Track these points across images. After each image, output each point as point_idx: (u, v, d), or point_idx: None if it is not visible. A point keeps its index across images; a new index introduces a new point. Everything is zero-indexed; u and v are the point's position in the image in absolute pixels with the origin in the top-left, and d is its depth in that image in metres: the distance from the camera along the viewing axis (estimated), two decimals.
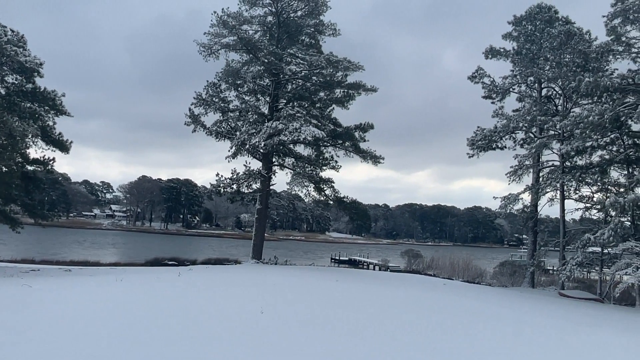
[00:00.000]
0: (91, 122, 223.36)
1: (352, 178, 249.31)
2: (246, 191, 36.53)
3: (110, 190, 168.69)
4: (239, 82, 35.89)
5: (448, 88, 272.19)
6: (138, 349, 8.62)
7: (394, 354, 9.70)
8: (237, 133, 34.38)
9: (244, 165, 35.54)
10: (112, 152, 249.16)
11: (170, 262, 34.65)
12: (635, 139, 28.53)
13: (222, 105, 36.22)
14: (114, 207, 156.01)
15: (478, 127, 35.38)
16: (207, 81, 36.06)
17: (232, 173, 35.53)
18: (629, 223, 27.70)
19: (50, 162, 29.64)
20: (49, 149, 29.48)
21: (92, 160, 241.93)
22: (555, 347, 11.71)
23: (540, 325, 15.20)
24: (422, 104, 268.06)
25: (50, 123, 29.57)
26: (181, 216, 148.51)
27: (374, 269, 49.72)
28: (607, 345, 12.65)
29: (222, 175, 35.38)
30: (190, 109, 35.64)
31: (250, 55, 34.46)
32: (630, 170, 28.80)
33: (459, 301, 19.81)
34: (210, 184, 36.39)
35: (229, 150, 35.00)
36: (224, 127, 36.37)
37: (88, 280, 20.35)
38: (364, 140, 36.52)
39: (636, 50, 25.89)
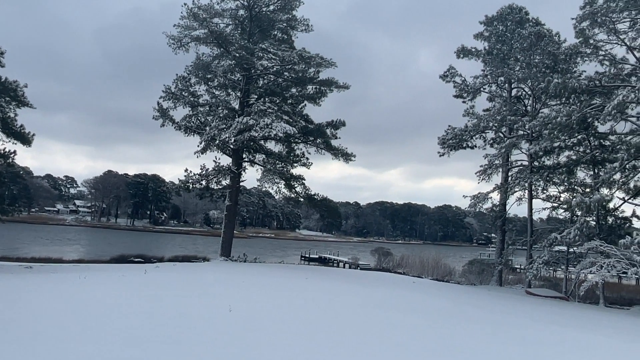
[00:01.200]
0: (60, 116, 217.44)
1: (324, 176, 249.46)
2: (215, 187, 35.98)
3: (75, 185, 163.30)
4: (209, 76, 35.21)
5: (423, 88, 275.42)
6: (94, 351, 8.15)
7: (361, 353, 9.53)
8: (207, 128, 33.76)
9: (214, 161, 35.03)
10: (80, 146, 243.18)
11: (136, 260, 33.65)
12: (601, 140, 29.08)
13: (192, 99, 35.49)
14: (78, 202, 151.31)
15: (449, 126, 35.62)
16: (177, 74, 35.30)
17: (201, 169, 35.02)
18: (594, 223, 28.24)
19: (11, 155, 28.44)
20: (9, 141, 28.27)
21: (58, 154, 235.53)
22: (519, 344, 11.74)
23: (506, 323, 15.31)
24: (396, 103, 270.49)
25: (12, 114, 28.34)
26: (148, 212, 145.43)
27: (344, 267, 49.65)
28: (570, 343, 12.75)
29: (190, 171, 34.83)
30: (158, 103, 34.85)
31: (221, 49, 33.82)
32: (596, 170, 29.35)
33: (427, 300, 19.85)
34: (179, 180, 35.75)
35: (198, 146, 34.46)
36: (193, 122, 35.69)
37: (50, 278, 19.61)
38: (336, 138, 36.39)
39: (603, 52, 26.35)
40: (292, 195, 37.34)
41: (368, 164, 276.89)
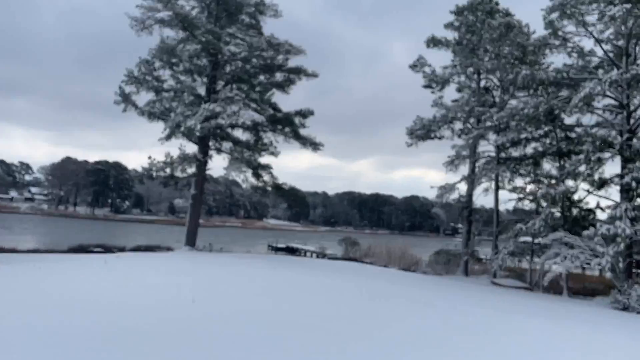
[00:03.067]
0: (19, 99, 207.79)
1: (294, 165, 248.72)
2: (180, 175, 35.00)
3: (30, 172, 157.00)
4: (174, 60, 34.01)
5: (395, 80, 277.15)
6: (44, 346, 7.49)
7: (326, 343, 9.34)
8: (172, 114, 32.71)
9: (179, 148, 33.91)
10: (40, 131, 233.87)
11: (96, 249, 32.37)
12: (568, 132, 29.41)
13: (156, 84, 34.29)
14: (33, 190, 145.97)
15: (417, 116, 35.51)
16: (140, 58, 34.01)
17: (165, 156, 33.87)
18: (559, 214, 28.62)
19: None
20: None
21: (16, 139, 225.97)
22: (483, 334, 11.74)
23: (470, 313, 15.31)
24: (369, 94, 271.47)
25: None
26: (109, 201, 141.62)
27: (311, 257, 49.34)
28: (532, 332, 12.81)
29: (154, 159, 33.70)
30: (120, 87, 33.55)
31: (187, 32, 32.66)
32: (561, 162, 29.69)
33: (393, 289, 19.75)
34: (142, 167, 34.55)
35: (162, 133, 33.27)
36: (157, 108, 34.51)
37: (1, 269, 18.58)
38: (304, 127, 35.88)
39: (572, 44, 26.55)
40: (260, 185, 36.71)
41: (338, 154, 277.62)
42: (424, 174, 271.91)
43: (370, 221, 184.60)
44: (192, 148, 34.70)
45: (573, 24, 25.09)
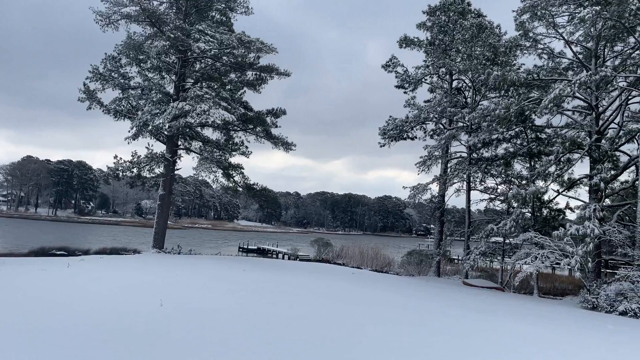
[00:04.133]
0: None
1: (267, 166, 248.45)
2: (148, 175, 34.11)
3: None
4: (141, 57, 33.12)
5: (369, 80, 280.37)
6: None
7: (292, 343, 9.06)
8: (139, 113, 31.84)
9: (146, 147, 33.06)
10: (0, 130, 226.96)
11: (59, 252, 31.21)
12: (538, 133, 29.66)
13: (122, 81, 33.34)
14: None
15: (390, 116, 35.49)
16: (106, 54, 33.03)
17: (132, 156, 32.95)
18: (530, 214, 28.81)
19: None
20: None
21: None
22: (455, 335, 11.60)
23: (442, 314, 15.19)
24: (344, 95, 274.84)
25: None
26: (73, 202, 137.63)
27: (283, 258, 48.87)
28: (502, 332, 12.77)
29: (120, 158, 32.70)
30: (85, 84, 32.45)
31: (155, 28, 31.79)
32: (532, 163, 29.95)
33: (365, 290, 19.53)
34: (108, 167, 33.47)
35: (129, 131, 32.39)
36: (123, 106, 33.60)
37: None
38: (276, 126, 35.48)
39: (542, 46, 26.74)
40: (230, 185, 36.11)
41: (312, 154, 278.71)
42: (397, 175, 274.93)
43: (343, 222, 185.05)
44: (160, 147, 33.92)
45: (544, 25, 25.25)
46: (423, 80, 35.91)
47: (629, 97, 26.72)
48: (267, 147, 35.97)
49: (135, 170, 33.07)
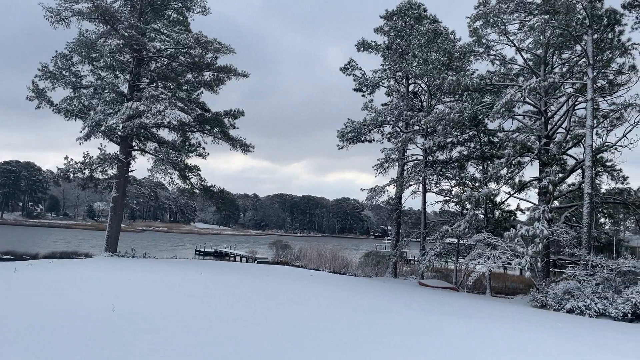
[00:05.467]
0: None
1: (226, 168, 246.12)
2: (101, 177, 33.17)
3: None
4: (94, 55, 32.12)
5: (329, 84, 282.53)
6: None
7: (245, 345, 8.99)
8: (91, 112, 30.87)
9: (99, 148, 32.11)
10: None
11: (4, 257, 29.97)
12: (490, 137, 30.54)
13: (74, 80, 32.27)
14: None
15: (348, 119, 35.73)
16: (56, 52, 31.92)
17: (84, 156, 31.99)
18: (483, 216, 29.60)
19: None
20: None
21: None
22: (410, 335, 11.73)
23: (398, 314, 15.41)
24: (304, 98, 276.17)
25: None
26: (21, 204, 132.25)
27: (241, 261, 48.42)
28: (455, 332, 12.98)
29: (72, 159, 31.69)
30: (34, 82, 31.23)
31: (108, 26, 30.90)
32: (485, 166, 30.81)
33: (322, 292, 19.56)
34: (58, 168, 32.33)
35: (81, 132, 31.36)
36: (75, 105, 32.51)
37: None
38: (234, 127, 35.10)
39: (494, 52, 27.55)
40: (187, 187, 35.48)
41: (272, 156, 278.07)
42: (356, 177, 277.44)
43: (301, 224, 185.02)
44: (113, 148, 33.00)
45: (496, 32, 26.02)
46: (380, 83, 36.38)
47: (576, 103, 27.88)
48: (227, 149, 35.61)
49: (87, 171, 32.12)
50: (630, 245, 42.01)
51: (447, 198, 33.61)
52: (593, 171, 25.31)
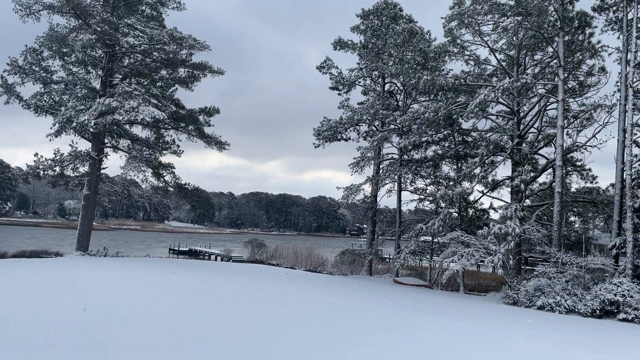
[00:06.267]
0: None
1: (201, 165, 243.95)
2: (72, 174, 32.51)
3: None
4: (65, 50, 31.50)
5: (307, 83, 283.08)
6: None
7: (225, 345, 8.88)
8: (62, 108, 30.26)
9: (70, 145, 31.47)
10: None
11: None
12: (464, 136, 30.92)
13: (44, 75, 31.60)
14: None
15: (324, 117, 35.80)
16: (26, 46, 31.17)
17: (54, 153, 31.32)
18: (457, 214, 29.96)
19: None
20: None
21: None
22: (384, 332, 11.82)
23: (373, 312, 15.48)
24: (282, 97, 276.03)
25: None
26: None
27: (215, 260, 48.02)
28: (428, 329, 13.13)
29: (42, 156, 30.95)
30: (2, 77, 30.46)
31: (80, 20, 30.29)
32: (459, 165, 31.19)
33: (298, 291, 19.54)
34: (28, 165, 31.57)
35: (51, 128, 30.76)
36: (45, 101, 31.87)
37: None
38: (209, 125, 34.80)
39: (469, 53, 27.91)
40: (161, 185, 35.07)
41: (249, 154, 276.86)
42: (333, 176, 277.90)
43: (277, 222, 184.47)
44: (85, 145, 32.47)
45: (470, 33, 26.35)
46: (357, 82, 36.50)
47: (547, 104, 28.44)
48: (202, 147, 35.28)
49: (57, 168, 31.44)
50: (598, 243, 43.05)
51: (422, 196, 33.95)
52: (563, 170, 25.85)
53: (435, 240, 31.12)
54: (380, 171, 34.88)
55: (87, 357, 7.91)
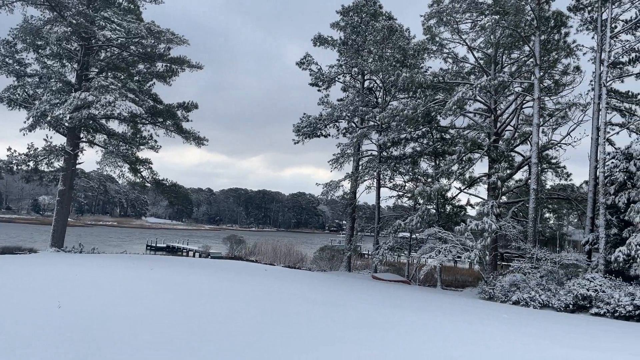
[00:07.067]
0: None
1: (182, 161, 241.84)
2: (46, 170, 31.99)
3: None
4: (40, 42, 30.86)
5: (288, 80, 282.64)
6: None
7: (195, 343, 8.73)
8: (37, 102, 29.66)
9: (44, 139, 30.87)
10: None
11: None
12: (443, 134, 31.22)
13: (17, 68, 30.96)
14: None
15: (304, 114, 35.78)
16: None
17: (28, 148, 30.69)
18: (435, 210, 30.26)
19: None
20: None
21: None
22: (362, 328, 11.85)
23: (352, 307, 15.58)
24: (263, 93, 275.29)
25: None
26: None
27: (194, 256, 47.70)
28: (406, 324, 13.26)
29: (15, 150, 30.32)
30: None
31: (55, 13, 29.69)
32: (437, 162, 31.48)
33: (277, 287, 19.55)
34: (0, 160, 30.88)
35: (25, 122, 30.14)
36: (19, 94, 31.17)
37: None
38: (188, 120, 34.48)
39: (447, 51, 28.14)
40: (138, 180, 34.61)
41: (229, 151, 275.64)
42: (313, 172, 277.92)
43: (256, 219, 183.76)
44: (60, 139, 31.84)
45: (449, 31, 26.60)
46: (336, 79, 36.53)
47: (524, 102, 28.87)
48: (181, 143, 34.86)
49: (31, 163, 30.86)
50: (572, 239, 43.96)
51: (401, 193, 34.19)
52: (539, 168, 26.29)
53: (414, 236, 31.39)
54: (360, 168, 35.01)
55: (61, 356, 7.79)
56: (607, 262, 22.04)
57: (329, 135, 36.08)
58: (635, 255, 19.79)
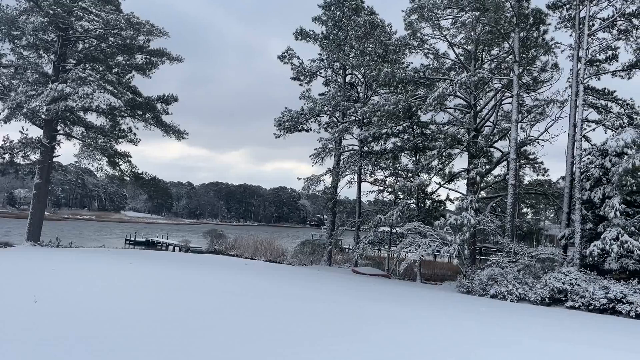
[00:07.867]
0: None
1: (163, 155, 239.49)
2: (22, 162, 31.54)
3: None
4: (15, 33, 30.15)
5: (270, 75, 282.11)
6: None
7: (168, 339, 8.66)
8: (12, 93, 29.04)
9: (20, 131, 30.36)
10: None
11: None
12: (423, 129, 31.42)
13: None
14: None
15: (285, 108, 35.67)
16: None
17: (4, 140, 30.36)
18: (415, 205, 30.49)
19: None
20: None
21: None
22: (340, 323, 11.90)
23: (332, 302, 15.66)
24: (246, 88, 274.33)
25: None
26: None
27: (173, 250, 47.33)
28: (386, 317, 13.34)
29: None
30: None
31: (31, 2, 29.09)
32: (417, 157, 31.69)
33: (256, 282, 19.55)
34: None
35: (0, 114, 29.49)
36: None
37: None
38: (167, 113, 34.15)
39: (428, 46, 28.26)
40: (117, 174, 34.25)
41: (210, 144, 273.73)
42: (295, 167, 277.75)
43: (237, 213, 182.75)
44: (36, 132, 31.34)
45: (430, 27, 26.68)
46: (318, 73, 36.50)
47: (503, 98, 29.18)
48: (162, 136, 34.47)
49: (7, 156, 30.46)
50: (549, 234, 44.71)
51: (381, 188, 34.37)
52: (517, 163, 26.64)
53: (394, 230, 31.59)
54: (341, 162, 35.07)
55: (36, 351, 7.69)
56: (582, 257, 22.47)
57: (311, 129, 36.11)
58: (610, 250, 20.22)
